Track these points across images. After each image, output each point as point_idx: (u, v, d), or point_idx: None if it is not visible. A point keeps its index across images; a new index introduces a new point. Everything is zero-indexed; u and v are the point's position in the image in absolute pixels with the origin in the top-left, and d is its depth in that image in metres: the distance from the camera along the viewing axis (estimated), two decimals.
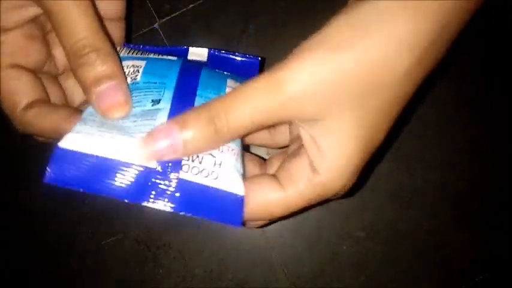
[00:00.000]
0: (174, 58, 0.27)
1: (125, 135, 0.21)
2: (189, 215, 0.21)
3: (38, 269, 0.35)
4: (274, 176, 0.22)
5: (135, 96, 0.24)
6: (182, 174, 0.21)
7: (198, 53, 0.29)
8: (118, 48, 0.28)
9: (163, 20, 0.36)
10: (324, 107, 0.19)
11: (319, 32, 0.19)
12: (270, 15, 0.36)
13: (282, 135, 0.26)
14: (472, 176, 0.35)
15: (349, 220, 0.35)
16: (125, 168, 0.21)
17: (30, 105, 0.24)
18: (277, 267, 0.35)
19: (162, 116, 0.22)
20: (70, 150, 0.21)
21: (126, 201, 0.21)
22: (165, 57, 0.27)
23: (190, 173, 0.21)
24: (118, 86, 0.22)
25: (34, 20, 0.25)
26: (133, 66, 0.26)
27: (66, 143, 0.21)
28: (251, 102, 0.19)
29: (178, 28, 0.36)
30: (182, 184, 0.21)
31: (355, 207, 0.35)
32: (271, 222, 0.25)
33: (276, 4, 0.36)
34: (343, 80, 0.19)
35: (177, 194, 0.21)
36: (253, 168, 0.25)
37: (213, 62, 0.29)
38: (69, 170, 0.21)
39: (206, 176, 0.22)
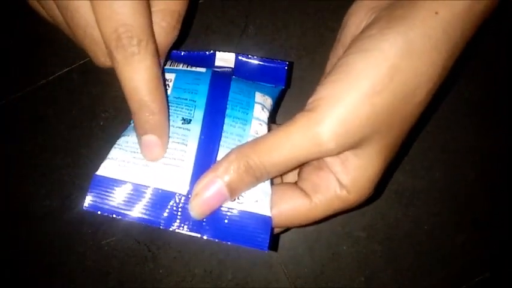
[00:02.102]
0: (203, 70, 0.26)
1: (158, 162, 0.22)
2: (216, 240, 0.22)
3: (38, 269, 0.35)
4: (297, 185, 0.23)
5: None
6: None
7: (225, 59, 0.29)
8: None
9: None
10: (355, 143, 0.21)
11: (344, 70, 0.20)
12: (270, 16, 0.36)
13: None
14: (472, 176, 0.35)
15: (349, 220, 0.35)
16: (157, 195, 0.22)
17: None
18: (277, 267, 0.35)
19: (193, 141, 0.23)
20: (107, 178, 0.22)
21: (160, 227, 0.22)
22: (193, 68, 0.27)
23: None
24: (162, 142, 0.22)
25: None
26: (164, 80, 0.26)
27: (104, 170, 0.22)
28: (287, 153, 0.20)
29: None
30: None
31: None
32: (289, 228, 0.25)
33: (276, 4, 0.36)
34: (372, 120, 0.20)
35: (206, 218, 0.22)
36: None
37: (240, 67, 0.28)
38: (107, 197, 0.22)
39: (233, 200, 0.23)
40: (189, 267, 0.35)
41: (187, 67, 0.27)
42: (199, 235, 0.22)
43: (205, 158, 0.23)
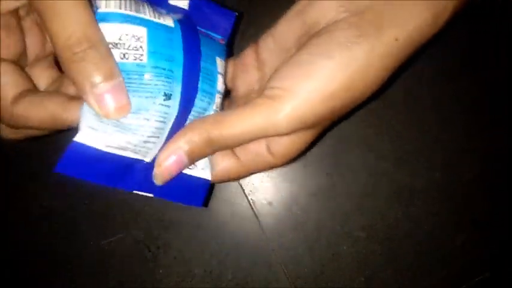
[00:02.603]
0: (171, 23, 0.24)
1: (139, 140, 0.23)
2: (162, 197, 0.25)
3: (38, 269, 0.35)
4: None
5: (146, 85, 0.22)
6: None
7: None
8: None
9: None
10: (303, 129, 0.24)
11: (307, 69, 0.23)
12: (269, 17, 0.36)
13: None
14: (472, 176, 0.35)
15: (349, 220, 0.35)
16: (123, 162, 0.23)
17: (19, 97, 0.22)
18: (277, 267, 0.35)
19: (172, 118, 0.24)
20: (85, 145, 0.22)
21: (135, 192, 0.24)
22: (162, 20, 0.23)
23: None
24: (119, 87, 0.21)
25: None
26: (133, 37, 0.22)
27: (81, 137, 0.22)
28: (246, 127, 0.23)
29: None
30: None
31: (355, 207, 0.35)
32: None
33: (275, 6, 0.36)
34: (320, 116, 0.23)
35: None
36: None
37: (194, 10, 0.26)
38: (81, 162, 0.22)
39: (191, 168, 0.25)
40: (189, 267, 0.35)
41: (155, 17, 0.23)
42: (151, 195, 0.25)
43: (175, 132, 0.24)
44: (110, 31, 0.22)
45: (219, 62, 0.26)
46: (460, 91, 0.35)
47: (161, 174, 0.24)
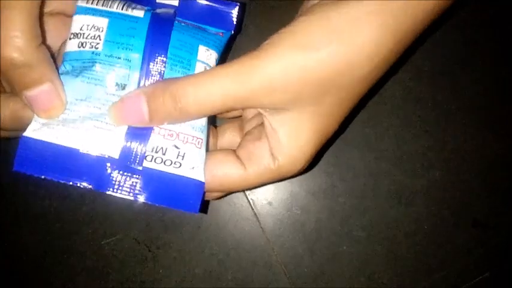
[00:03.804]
0: (141, 14, 0.24)
1: (90, 125, 0.22)
2: (148, 202, 0.23)
3: (38, 269, 0.35)
4: (234, 152, 0.24)
5: (96, 72, 0.23)
6: (146, 163, 0.23)
7: None
8: None
9: None
10: (288, 99, 0.21)
11: (290, 27, 0.21)
12: (270, 15, 0.36)
13: (223, 143, 0.28)
14: (472, 176, 0.35)
15: (349, 220, 0.35)
16: (87, 158, 0.22)
17: None
18: (277, 267, 0.35)
19: None
20: (35, 140, 0.22)
21: (90, 187, 0.22)
22: (130, 11, 0.24)
23: (154, 162, 0.23)
24: (52, 89, 0.22)
25: None
26: (93, 27, 0.23)
27: (30, 132, 0.22)
28: (221, 84, 0.21)
29: None
30: (146, 172, 0.22)
31: (355, 207, 0.35)
32: (227, 194, 0.27)
33: (275, 4, 0.36)
34: (307, 77, 0.20)
35: (141, 182, 0.22)
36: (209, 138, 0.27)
37: (185, 7, 0.26)
38: (36, 158, 0.22)
39: (169, 165, 0.23)
40: (189, 267, 0.35)
41: (123, 8, 0.24)
42: (133, 198, 0.22)
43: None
44: (74, 22, 0.23)
45: (204, 51, 0.24)
46: (461, 91, 0.35)
47: (115, 111, 0.22)
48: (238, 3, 0.26)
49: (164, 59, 0.23)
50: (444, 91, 0.35)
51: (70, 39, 0.23)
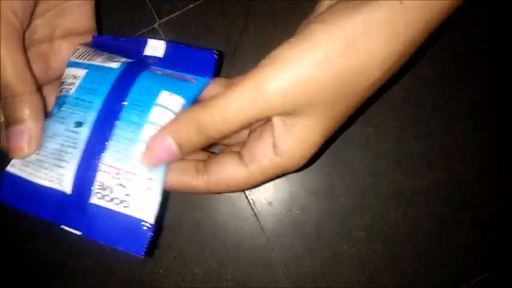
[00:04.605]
0: (117, 65, 0.26)
1: (50, 163, 0.24)
2: (95, 239, 0.23)
3: (38, 269, 0.35)
4: (238, 153, 0.25)
5: (63, 111, 0.25)
6: (95, 200, 0.23)
7: (155, 47, 0.27)
8: (78, 47, 0.28)
9: (163, 20, 0.36)
10: (300, 107, 0.21)
11: (301, 36, 0.21)
12: (270, 16, 0.36)
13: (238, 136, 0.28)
14: (472, 176, 0.35)
15: (349, 220, 0.35)
16: (48, 193, 0.24)
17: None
18: (277, 267, 0.35)
19: (81, 145, 0.24)
20: (13, 174, 0.25)
21: (51, 220, 0.24)
22: (107, 63, 0.26)
23: (103, 200, 0.23)
24: (23, 131, 0.24)
25: None
26: (73, 76, 0.26)
27: (9, 167, 0.25)
28: (237, 108, 0.21)
29: (178, 28, 0.36)
30: (94, 209, 0.23)
31: (355, 207, 0.35)
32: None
33: (276, 4, 0.36)
34: (319, 88, 0.21)
35: (89, 218, 0.23)
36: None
37: (169, 56, 0.27)
38: (12, 191, 0.24)
39: (118, 204, 0.23)
40: (189, 267, 0.35)
41: (104, 61, 0.26)
42: (80, 233, 0.23)
43: (90, 160, 0.23)
44: (64, 73, 0.27)
45: (166, 96, 0.25)
46: (460, 91, 0.35)
47: (149, 159, 0.23)
48: (215, 51, 0.27)
49: (124, 103, 0.24)
50: (444, 91, 0.35)
51: (59, 86, 0.27)
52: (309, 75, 0.20)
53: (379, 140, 0.35)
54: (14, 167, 0.25)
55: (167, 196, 0.34)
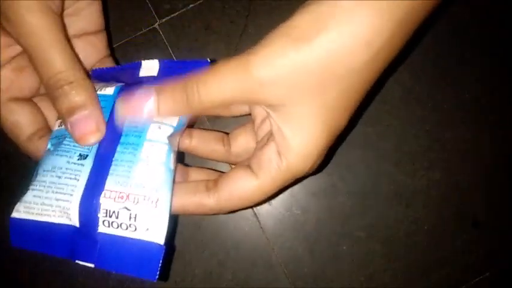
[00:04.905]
0: (111, 91, 0.25)
1: (52, 199, 0.23)
2: (107, 269, 0.23)
3: (38, 269, 0.35)
4: (247, 166, 0.24)
5: (65, 145, 0.24)
6: (102, 229, 0.23)
7: (149, 67, 0.27)
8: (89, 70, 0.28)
9: (163, 20, 0.36)
10: (287, 93, 0.21)
11: (285, 22, 0.21)
12: (269, 16, 0.36)
13: (237, 149, 0.28)
14: (472, 176, 0.35)
15: (349, 220, 0.35)
16: (58, 229, 0.23)
17: (32, 136, 0.26)
18: (277, 267, 0.35)
19: (84, 175, 0.23)
20: (18, 219, 0.24)
21: (67, 257, 0.23)
22: (103, 91, 0.26)
23: (111, 228, 0.23)
24: (89, 115, 0.24)
25: (21, 53, 0.26)
26: None
27: (14, 213, 0.24)
28: (222, 80, 0.21)
29: (178, 28, 0.36)
30: (103, 238, 0.23)
31: (355, 207, 0.35)
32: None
33: (276, 4, 0.36)
34: (303, 69, 0.20)
35: (100, 249, 0.23)
36: (219, 146, 0.28)
37: (163, 73, 0.27)
38: (22, 236, 0.24)
39: (126, 229, 0.23)
40: (189, 268, 0.35)
41: (99, 90, 0.26)
42: (92, 265, 0.23)
43: (93, 189, 0.23)
44: None
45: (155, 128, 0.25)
46: (460, 91, 0.35)
47: (127, 106, 0.23)
48: (209, 60, 0.27)
49: (122, 128, 0.24)
50: (444, 91, 0.35)
51: (56, 120, 0.26)
52: (290, 59, 0.20)
53: (379, 140, 0.35)
54: (19, 212, 0.24)
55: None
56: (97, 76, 0.28)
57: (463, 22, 0.35)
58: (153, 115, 0.23)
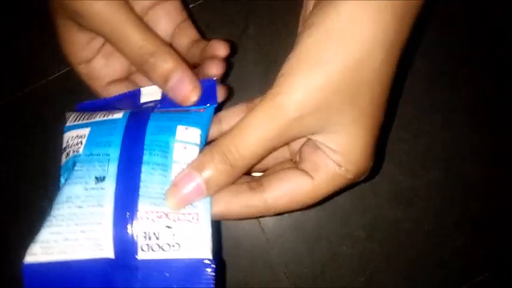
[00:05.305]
0: (120, 115, 0.25)
1: (77, 233, 0.21)
2: None
3: None
4: (296, 167, 0.24)
5: (76, 171, 0.23)
6: (142, 255, 0.21)
7: (151, 92, 0.27)
8: (66, 114, 0.27)
9: None
10: (324, 116, 0.21)
11: (298, 49, 0.21)
12: (270, 15, 0.36)
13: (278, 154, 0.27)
14: (472, 176, 0.35)
15: (349, 220, 0.35)
16: (87, 265, 0.21)
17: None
18: (277, 268, 0.35)
19: (109, 200, 0.22)
20: (34, 264, 0.21)
21: None
22: (110, 116, 0.25)
23: (151, 252, 0.21)
24: (183, 76, 0.25)
25: (105, 42, 0.28)
26: (77, 136, 0.25)
27: (28, 258, 0.21)
28: (258, 133, 0.21)
29: None
30: (145, 265, 0.21)
31: (355, 207, 0.35)
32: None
33: (276, 4, 0.36)
34: (332, 89, 0.21)
35: (143, 277, 0.21)
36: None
37: (167, 96, 0.26)
38: (42, 281, 0.21)
39: (168, 250, 0.21)
40: None
41: (104, 116, 0.25)
42: None
43: (124, 214, 0.22)
44: (63, 140, 0.25)
45: (183, 130, 0.24)
46: (460, 91, 0.35)
47: (176, 199, 0.22)
48: (215, 79, 0.27)
49: (142, 146, 0.23)
50: (443, 91, 0.35)
51: (62, 154, 0.25)
52: (312, 81, 0.21)
53: (379, 139, 0.35)
54: (35, 255, 0.21)
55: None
56: (83, 109, 0.27)
57: (462, 22, 0.35)
58: (204, 196, 0.22)
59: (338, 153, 0.22)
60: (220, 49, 0.27)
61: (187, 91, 0.25)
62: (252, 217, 0.24)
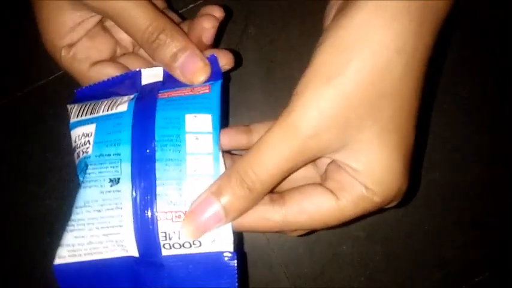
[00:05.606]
0: (125, 107, 0.24)
1: (99, 235, 0.22)
2: None
3: (38, 269, 0.35)
4: (321, 185, 0.23)
5: (89, 174, 0.23)
6: (165, 252, 0.22)
7: (151, 74, 0.27)
8: (68, 107, 0.26)
9: None
10: (343, 132, 0.20)
11: (311, 65, 0.20)
12: (270, 16, 0.36)
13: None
14: (472, 176, 0.35)
15: None
16: (115, 264, 0.22)
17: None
18: (277, 268, 0.35)
19: (127, 202, 0.22)
20: (64, 264, 0.22)
21: None
22: (114, 110, 0.24)
23: (173, 249, 0.22)
24: (192, 54, 0.25)
25: (93, 26, 0.28)
26: (83, 135, 0.24)
27: (57, 260, 0.22)
28: (274, 153, 0.20)
29: None
30: (169, 262, 0.22)
31: None
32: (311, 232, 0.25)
33: (276, 4, 0.36)
34: (348, 103, 0.19)
35: (168, 273, 0.22)
36: None
37: (169, 77, 0.26)
38: (73, 278, 0.22)
39: (189, 247, 0.22)
40: None
41: (108, 109, 0.24)
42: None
43: (144, 214, 0.22)
44: (72, 138, 0.25)
45: (191, 119, 0.23)
46: (460, 91, 0.35)
47: (196, 227, 0.21)
48: (215, 55, 0.26)
49: (153, 143, 0.23)
50: (443, 91, 0.35)
51: (73, 154, 0.25)
52: (330, 102, 0.19)
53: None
54: (63, 258, 0.22)
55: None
56: (83, 96, 0.27)
57: (463, 22, 0.35)
58: (223, 224, 0.21)
59: (361, 173, 0.21)
60: (214, 10, 0.27)
61: (198, 68, 0.25)
62: (268, 231, 0.23)
